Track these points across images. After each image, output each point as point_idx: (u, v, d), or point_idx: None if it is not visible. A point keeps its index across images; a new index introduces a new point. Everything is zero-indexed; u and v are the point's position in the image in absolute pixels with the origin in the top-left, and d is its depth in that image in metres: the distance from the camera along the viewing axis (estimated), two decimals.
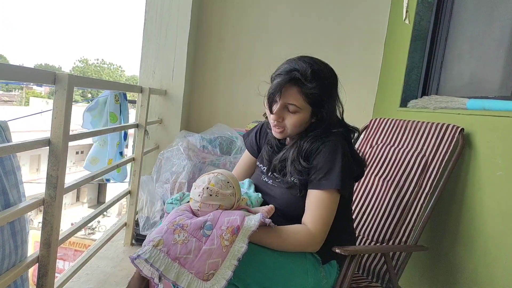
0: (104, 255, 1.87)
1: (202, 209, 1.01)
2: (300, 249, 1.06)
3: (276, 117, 1.11)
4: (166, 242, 0.90)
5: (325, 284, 1.11)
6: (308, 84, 1.05)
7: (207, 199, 1.01)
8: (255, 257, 0.99)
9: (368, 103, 2.55)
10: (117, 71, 38.90)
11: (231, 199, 1.04)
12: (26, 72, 0.95)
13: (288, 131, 1.13)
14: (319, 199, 1.05)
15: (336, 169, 1.04)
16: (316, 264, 1.10)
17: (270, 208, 1.08)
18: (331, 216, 1.06)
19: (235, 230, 0.94)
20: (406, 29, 2.07)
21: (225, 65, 2.66)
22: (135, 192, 1.97)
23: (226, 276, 0.88)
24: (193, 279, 0.87)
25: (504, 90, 1.47)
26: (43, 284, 1.12)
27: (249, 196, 1.18)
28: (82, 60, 38.22)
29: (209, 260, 0.89)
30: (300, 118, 1.10)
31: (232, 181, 1.06)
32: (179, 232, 0.92)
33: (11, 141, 1.05)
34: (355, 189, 1.66)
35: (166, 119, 2.47)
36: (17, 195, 1.08)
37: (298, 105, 1.07)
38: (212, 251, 0.90)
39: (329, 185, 1.04)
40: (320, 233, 1.04)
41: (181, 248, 0.89)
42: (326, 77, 1.08)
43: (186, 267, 0.88)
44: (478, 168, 1.33)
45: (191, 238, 0.92)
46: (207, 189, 1.02)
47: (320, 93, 1.07)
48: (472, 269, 1.30)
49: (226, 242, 0.92)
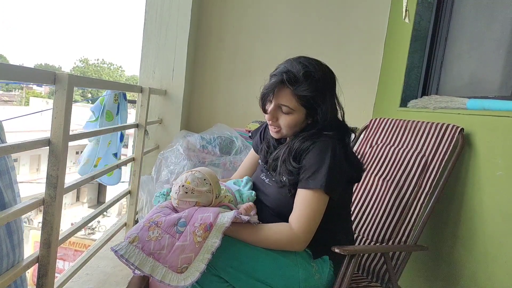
0: (104, 255, 1.87)
1: (180, 206, 1.06)
2: (282, 247, 1.06)
3: (270, 117, 1.12)
4: (141, 239, 0.94)
5: (318, 279, 1.11)
6: (300, 86, 1.06)
7: (183, 196, 1.06)
8: (239, 250, 1.02)
9: (368, 103, 2.55)
10: (117, 71, 38.91)
11: (208, 196, 1.08)
12: (26, 72, 0.95)
13: (283, 131, 1.14)
14: (305, 199, 1.05)
15: (323, 169, 1.03)
16: (306, 258, 1.10)
17: (248, 205, 1.11)
18: (317, 216, 1.05)
19: (208, 227, 0.97)
20: (406, 29, 2.07)
21: (225, 65, 2.66)
22: (135, 192, 1.97)
23: (199, 269, 0.91)
24: (167, 271, 0.91)
25: (504, 90, 1.47)
26: (43, 284, 1.11)
27: (241, 193, 1.20)
28: (82, 60, 38.24)
29: (182, 255, 0.93)
30: (294, 119, 1.10)
31: (209, 178, 1.09)
32: (153, 229, 0.96)
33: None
34: (355, 189, 1.66)
35: (166, 119, 2.47)
36: (12, 195, 1.08)
37: (291, 106, 1.08)
38: (184, 247, 0.94)
39: (315, 184, 1.03)
40: (304, 233, 1.03)
41: (154, 245, 0.94)
42: (319, 79, 1.08)
43: (160, 261, 0.92)
44: (478, 168, 1.33)
45: (164, 234, 0.96)
46: (183, 187, 1.06)
47: (312, 95, 1.07)
48: (472, 269, 1.30)
49: (199, 238, 0.95)
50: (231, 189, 1.21)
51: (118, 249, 0.92)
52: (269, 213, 1.13)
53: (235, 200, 1.17)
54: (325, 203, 1.06)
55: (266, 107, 1.12)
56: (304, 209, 1.04)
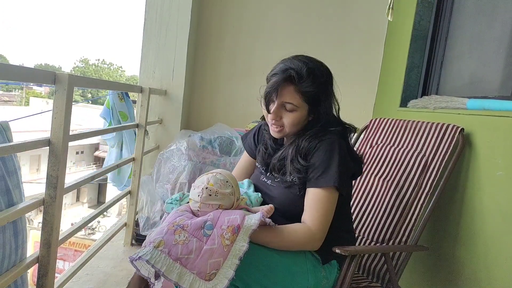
0: (104, 255, 1.87)
1: (202, 209, 1.01)
2: (300, 247, 1.06)
3: (274, 116, 1.11)
4: (167, 243, 0.89)
5: (325, 284, 1.12)
6: (304, 82, 1.06)
7: (206, 199, 1.01)
8: (256, 257, 0.99)
9: (368, 103, 2.55)
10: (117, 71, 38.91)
11: (230, 198, 1.04)
12: (26, 72, 0.95)
13: (286, 130, 1.13)
14: (317, 197, 1.05)
15: (333, 166, 1.04)
16: (316, 264, 1.10)
17: (269, 207, 1.08)
18: (330, 214, 1.06)
19: (236, 229, 0.93)
20: (406, 29, 2.07)
21: (225, 65, 2.66)
22: (135, 192, 1.97)
23: (228, 276, 0.88)
24: (195, 279, 0.87)
25: (504, 90, 1.47)
26: (43, 284, 1.12)
27: (248, 195, 1.18)
28: (83, 60, 38.24)
29: (210, 259, 0.89)
30: (298, 117, 1.10)
31: (231, 180, 1.06)
32: (179, 232, 0.92)
33: (12, 141, 1.05)
34: (354, 189, 1.66)
35: (166, 119, 2.47)
36: (19, 195, 1.08)
37: (295, 103, 1.08)
38: (213, 251, 0.90)
39: (327, 182, 1.04)
40: (319, 231, 1.04)
41: (182, 249, 0.89)
42: (322, 75, 1.09)
43: (187, 267, 0.88)
44: (478, 168, 1.33)
45: (191, 238, 0.91)
46: (206, 189, 1.02)
47: (316, 90, 1.07)
48: (472, 269, 1.29)
49: (227, 241, 0.91)
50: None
51: (142, 255, 0.86)
52: (276, 214, 1.12)
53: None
54: (336, 200, 1.07)
55: (269, 107, 1.11)
56: (317, 208, 1.04)
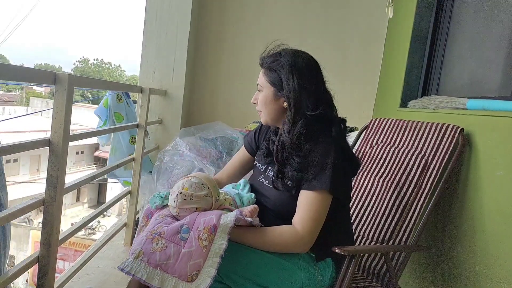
0: (104, 255, 1.87)
1: (180, 214, 1.04)
2: (287, 250, 1.05)
3: (253, 99, 1.21)
4: (146, 252, 0.93)
5: (320, 281, 1.11)
6: (267, 64, 1.16)
7: (182, 203, 1.04)
8: (243, 255, 1.01)
9: (368, 103, 2.54)
10: (117, 71, 38.91)
11: (207, 200, 1.06)
12: (26, 72, 0.95)
13: (261, 112, 1.19)
14: (309, 200, 1.05)
15: (327, 170, 1.04)
16: (310, 261, 1.10)
17: (253, 207, 1.08)
18: (321, 217, 1.05)
19: (212, 229, 0.95)
20: (406, 29, 2.07)
21: (225, 65, 2.65)
22: (135, 192, 1.97)
23: (210, 274, 0.90)
24: (178, 282, 0.89)
25: (504, 90, 1.47)
26: (43, 284, 1.11)
27: (241, 196, 1.18)
28: (82, 60, 38.24)
29: (190, 262, 0.91)
30: (264, 96, 1.16)
31: (206, 182, 1.08)
32: (157, 240, 0.95)
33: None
34: (355, 189, 1.66)
35: (166, 119, 2.46)
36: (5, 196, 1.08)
37: (261, 83, 1.17)
38: (191, 253, 0.92)
39: (320, 185, 1.03)
40: (308, 234, 1.03)
41: (160, 255, 0.92)
42: (286, 57, 1.14)
43: (168, 272, 0.91)
44: (478, 168, 1.33)
45: (169, 244, 0.94)
46: (181, 194, 1.04)
47: (277, 70, 1.13)
48: (472, 269, 1.30)
49: (205, 242, 0.94)
50: (230, 193, 1.20)
51: (124, 267, 0.92)
52: (271, 215, 1.12)
53: (235, 203, 1.16)
54: (328, 204, 1.06)
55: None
56: (308, 211, 1.04)
